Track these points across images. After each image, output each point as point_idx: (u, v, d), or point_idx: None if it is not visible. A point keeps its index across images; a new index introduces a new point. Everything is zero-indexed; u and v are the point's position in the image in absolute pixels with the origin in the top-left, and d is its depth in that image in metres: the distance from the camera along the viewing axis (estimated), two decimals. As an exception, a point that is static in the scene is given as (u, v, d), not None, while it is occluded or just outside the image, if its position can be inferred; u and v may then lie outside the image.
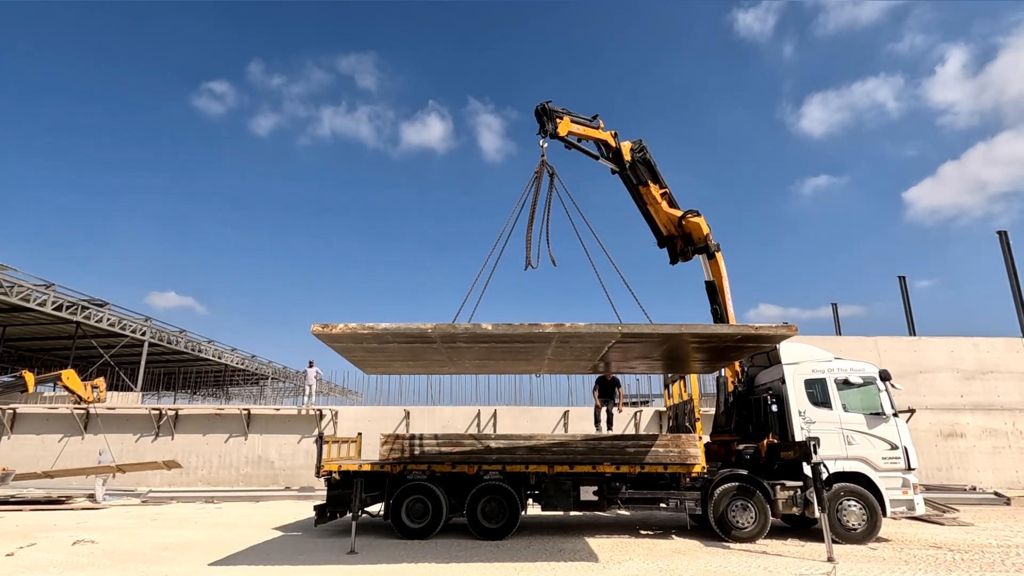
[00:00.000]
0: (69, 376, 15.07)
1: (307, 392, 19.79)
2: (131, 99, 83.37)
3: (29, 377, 14.55)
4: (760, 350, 9.46)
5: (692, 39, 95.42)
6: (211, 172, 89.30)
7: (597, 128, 11.00)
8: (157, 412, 18.42)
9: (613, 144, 11.03)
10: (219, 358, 32.00)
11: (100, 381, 15.82)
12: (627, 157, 11.02)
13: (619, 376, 12.57)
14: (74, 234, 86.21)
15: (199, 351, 30.12)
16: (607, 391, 12.63)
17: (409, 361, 9.31)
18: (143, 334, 25.56)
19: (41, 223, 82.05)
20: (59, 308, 21.29)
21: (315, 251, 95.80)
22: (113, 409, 18.60)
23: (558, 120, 10.55)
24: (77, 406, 18.31)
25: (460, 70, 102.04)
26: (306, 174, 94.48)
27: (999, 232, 18.87)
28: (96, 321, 23.14)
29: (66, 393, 16.76)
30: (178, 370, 33.71)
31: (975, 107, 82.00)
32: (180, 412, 18.65)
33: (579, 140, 10.96)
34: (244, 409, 18.61)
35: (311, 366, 19.96)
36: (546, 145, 10.62)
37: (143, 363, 25.64)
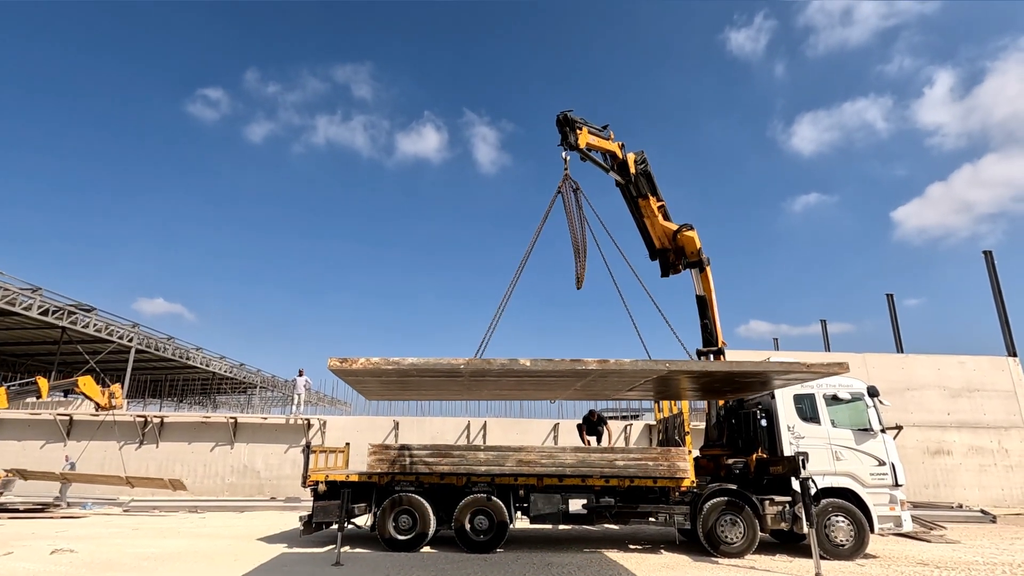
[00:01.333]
0: (86, 382, 14.86)
1: (296, 401, 19.58)
2: (124, 103, 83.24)
3: (43, 383, 14.29)
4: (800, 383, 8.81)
5: (686, 56, 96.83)
6: (204, 178, 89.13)
7: (608, 139, 10.94)
8: (142, 419, 18.16)
9: (620, 156, 10.97)
10: (207, 366, 31.66)
11: (116, 388, 15.54)
12: (632, 170, 10.97)
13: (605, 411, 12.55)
14: (63, 238, 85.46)
15: (187, 358, 29.79)
16: (593, 431, 12.61)
17: (423, 390, 8.87)
18: (130, 340, 25.27)
19: (29, 226, 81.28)
20: (45, 313, 21.04)
21: (307, 259, 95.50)
22: (97, 415, 18.31)
23: (578, 131, 10.42)
24: (60, 412, 18.04)
25: (456, 81, 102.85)
26: (300, 182, 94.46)
27: (984, 252, 19.15)
28: (83, 327, 22.86)
29: (48, 398, 16.49)
30: (164, 377, 33.31)
31: (963, 129, 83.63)
32: (165, 420, 18.39)
33: (589, 151, 10.86)
34: (231, 417, 18.39)
35: (301, 375, 19.79)
36: (569, 158, 10.46)
37: (129, 370, 25.32)
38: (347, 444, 11.39)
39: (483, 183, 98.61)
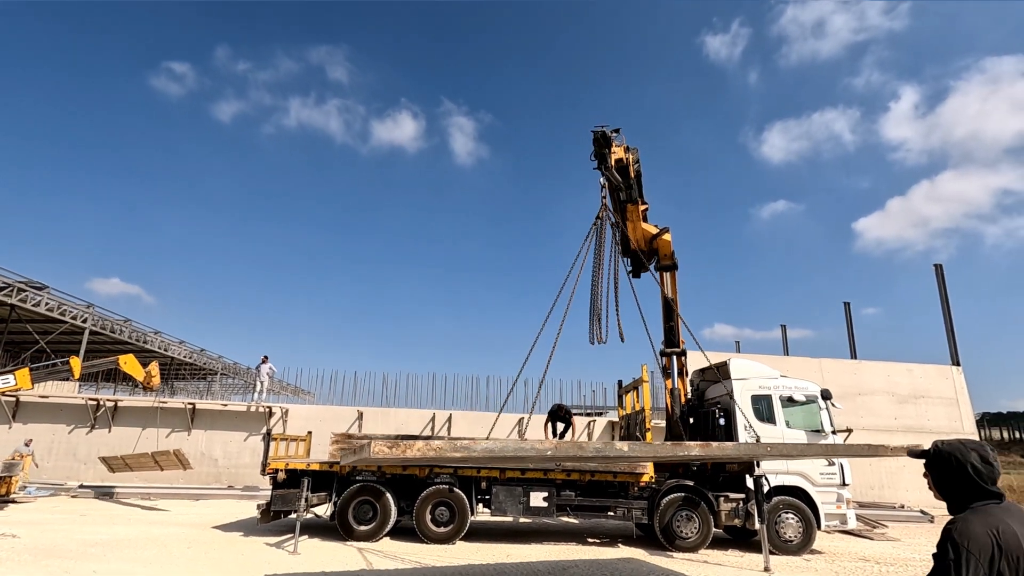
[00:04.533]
0: (127, 361, 14.19)
1: (258, 388, 19.19)
2: (82, 70, 79.57)
3: (75, 362, 13.58)
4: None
5: (664, 57, 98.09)
6: (166, 154, 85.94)
7: (621, 144, 10.52)
8: (94, 403, 17.54)
9: (625, 160, 10.60)
10: (165, 350, 30.70)
11: (154, 366, 14.91)
12: (632, 174, 10.72)
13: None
14: (12, 211, 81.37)
15: (144, 342, 28.82)
16: (558, 424, 12.71)
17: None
18: (84, 321, 24.31)
19: (-22, 198, 77.06)
20: (-8, 289, 20.05)
21: (274, 244, 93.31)
22: (46, 398, 17.62)
23: (612, 149, 9.86)
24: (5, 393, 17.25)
25: (435, 70, 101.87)
26: (269, 164, 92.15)
27: (935, 265, 20.04)
28: (33, 305, 21.86)
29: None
30: (120, 361, 32.13)
31: (924, 146, 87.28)
32: (119, 404, 17.81)
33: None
34: (189, 403, 17.93)
35: (264, 362, 19.39)
36: (606, 183, 9.81)
37: (82, 351, 24.33)
38: (309, 433, 11.24)
39: (459, 173, 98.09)
